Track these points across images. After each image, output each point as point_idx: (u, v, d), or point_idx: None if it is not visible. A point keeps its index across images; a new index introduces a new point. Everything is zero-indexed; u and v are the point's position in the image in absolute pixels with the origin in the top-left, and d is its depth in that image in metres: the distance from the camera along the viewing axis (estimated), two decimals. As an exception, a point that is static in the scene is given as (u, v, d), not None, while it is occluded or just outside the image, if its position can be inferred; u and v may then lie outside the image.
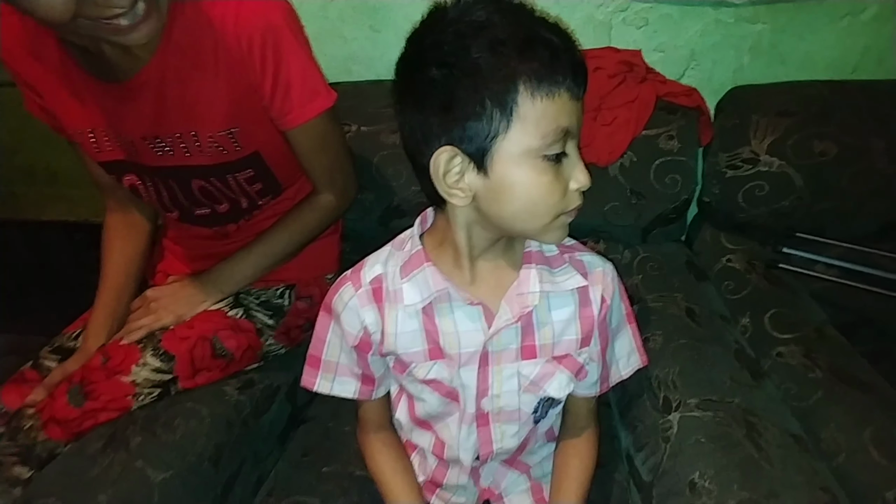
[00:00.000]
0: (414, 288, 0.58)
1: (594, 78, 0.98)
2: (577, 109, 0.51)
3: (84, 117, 0.74)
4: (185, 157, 0.75)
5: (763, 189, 0.99)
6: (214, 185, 0.79)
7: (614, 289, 0.62)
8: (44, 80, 0.73)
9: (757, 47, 1.09)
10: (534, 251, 0.60)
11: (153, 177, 0.79)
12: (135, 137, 0.74)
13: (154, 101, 0.71)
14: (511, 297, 0.58)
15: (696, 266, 1.01)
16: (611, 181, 1.00)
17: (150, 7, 0.61)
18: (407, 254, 0.59)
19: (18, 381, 0.80)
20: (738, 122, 1.02)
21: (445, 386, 0.62)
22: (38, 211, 1.63)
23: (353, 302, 0.60)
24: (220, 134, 0.74)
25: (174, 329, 0.79)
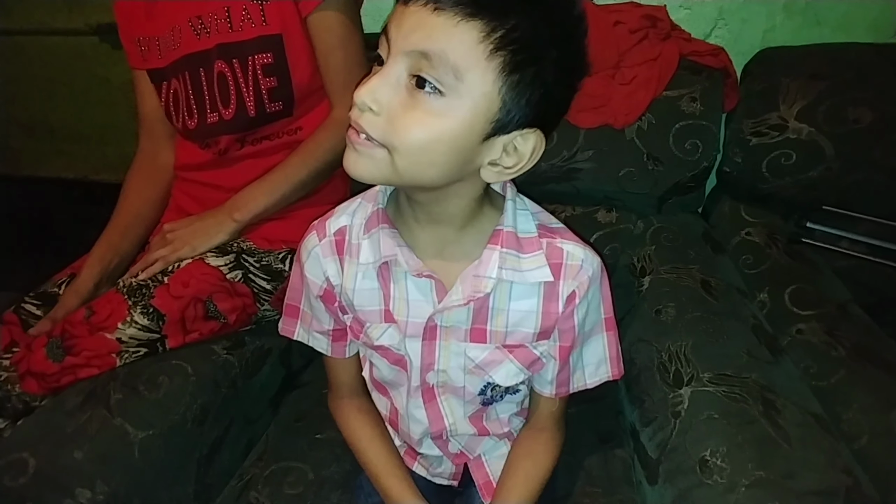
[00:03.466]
0: (370, 247, 0.54)
1: (613, 33, 0.93)
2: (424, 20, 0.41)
3: (157, 24, 0.84)
4: (217, 35, 0.81)
5: (790, 158, 0.93)
6: (235, 69, 0.82)
7: (591, 287, 0.55)
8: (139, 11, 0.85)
9: (791, 6, 1.01)
10: (505, 230, 0.53)
11: (186, 69, 0.84)
12: (183, 23, 0.82)
13: None
14: (467, 276, 0.53)
15: (712, 238, 0.95)
16: (627, 145, 0.94)
17: None
18: (373, 207, 0.55)
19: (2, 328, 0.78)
20: (766, 85, 0.95)
21: (394, 353, 0.59)
22: (36, 166, 1.60)
23: (315, 251, 0.58)
24: (253, 3, 0.79)
25: (169, 285, 0.76)
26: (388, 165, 0.44)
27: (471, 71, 0.41)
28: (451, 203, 0.52)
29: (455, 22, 0.40)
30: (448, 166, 0.45)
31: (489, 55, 0.41)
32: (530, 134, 0.46)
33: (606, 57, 0.90)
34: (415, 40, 0.41)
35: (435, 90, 0.42)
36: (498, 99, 0.43)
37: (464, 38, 0.41)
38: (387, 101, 0.43)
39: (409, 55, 0.42)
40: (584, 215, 0.99)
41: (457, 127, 0.43)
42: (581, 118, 0.91)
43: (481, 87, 0.42)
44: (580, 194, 0.97)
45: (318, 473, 0.75)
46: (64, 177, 1.61)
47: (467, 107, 0.42)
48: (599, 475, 0.74)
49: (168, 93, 0.88)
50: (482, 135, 0.44)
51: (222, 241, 0.82)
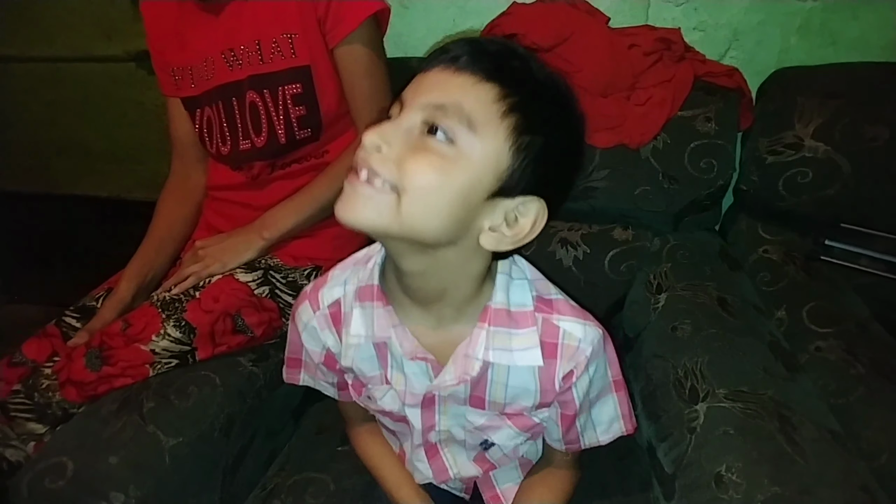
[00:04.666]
0: (362, 319, 0.54)
1: (629, 56, 0.95)
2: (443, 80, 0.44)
3: (187, 54, 0.89)
4: (249, 67, 0.85)
5: (806, 176, 0.94)
6: (266, 99, 0.86)
7: (590, 364, 0.54)
8: (166, 32, 0.90)
9: (806, 26, 1.02)
10: (494, 307, 0.52)
11: (220, 99, 0.89)
12: (216, 55, 0.86)
13: (236, 15, 0.85)
14: (458, 356, 0.53)
15: (729, 256, 0.96)
16: (642, 164, 0.95)
17: None
18: (367, 275, 0.55)
19: (40, 336, 0.82)
20: (781, 104, 0.96)
21: (397, 415, 0.60)
22: (70, 185, 1.67)
23: (311, 324, 0.58)
24: (283, 37, 0.83)
25: (200, 300, 0.79)
26: (391, 209, 0.43)
27: (484, 126, 0.43)
28: (444, 278, 0.50)
29: (473, 82, 0.43)
30: (451, 218, 0.44)
31: (502, 115, 0.43)
32: (533, 203, 0.46)
33: (621, 78, 0.93)
34: (432, 96, 0.43)
35: (446, 137, 0.43)
36: (507, 157, 0.44)
37: (480, 96, 0.43)
38: (397, 144, 0.43)
39: (424, 108, 0.43)
40: (600, 233, 1.00)
41: (465, 176, 0.43)
42: (597, 138, 0.93)
43: (493, 142, 0.43)
44: (596, 212, 0.98)
45: (339, 485, 0.76)
46: (98, 195, 1.67)
47: (477, 158, 0.43)
48: (617, 491, 0.75)
49: (202, 119, 0.92)
50: (488, 191, 0.44)
51: (251, 258, 0.85)
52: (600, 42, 0.92)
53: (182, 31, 0.89)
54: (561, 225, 1.01)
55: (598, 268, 0.98)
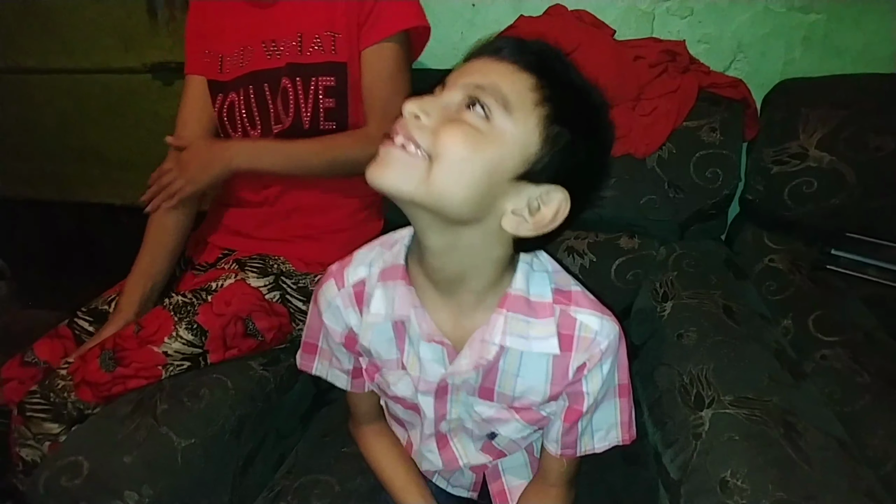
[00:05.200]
0: (383, 299, 0.55)
1: (634, 67, 0.97)
2: (486, 66, 0.48)
3: (229, 42, 0.91)
4: (288, 56, 0.88)
5: (811, 186, 0.94)
6: (297, 86, 0.88)
7: (604, 359, 0.54)
8: (208, 20, 0.94)
9: (810, 38, 1.04)
10: (512, 293, 0.53)
11: (253, 83, 0.90)
12: (256, 44, 0.89)
13: (286, 13, 0.88)
14: (475, 341, 0.54)
15: (735, 264, 0.96)
16: (648, 173, 0.96)
17: None
18: (392, 257, 0.56)
19: (52, 336, 0.85)
20: (786, 115, 0.97)
21: (408, 402, 0.61)
22: (87, 192, 1.71)
23: (335, 302, 0.59)
24: (326, 34, 0.86)
25: (212, 303, 0.81)
26: (421, 175, 0.45)
27: (519, 109, 0.45)
28: (465, 259, 0.51)
29: (513, 70, 0.46)
30: (476, 191, 0.46)
31: (536, 103, 0.46)
32: (556, 193, 0.47)
33: (627, 89, 0.94)
34: (473, 78, 0.47)
35: (483, 113, 0.45)
36: (536, 142, 0.46)
37: (517, 82, 0.46)
38: (435, 115, 0.46)
39: (465, 87, 0.47)
40: (606, 241, 1.01)
41: (496, 151, 0.45)
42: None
43: (524, 125, 0.46)
44: (603, 221, 0.99)
45: (344, 486, 0.77)
46: (112, 202, 1.70)
47: (508, 137, 0.45)
48: (623, 497, 0.75)
49: (223, 104, 0.93)
50: (514, 172, 0.46)
51: (215, 176, 0.86)
52: (606, 53, 0.94)
53: (224, 22, 0.92)
54: (568, 234, 1.02)
55: (605, 276, 0.99)
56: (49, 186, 1.72)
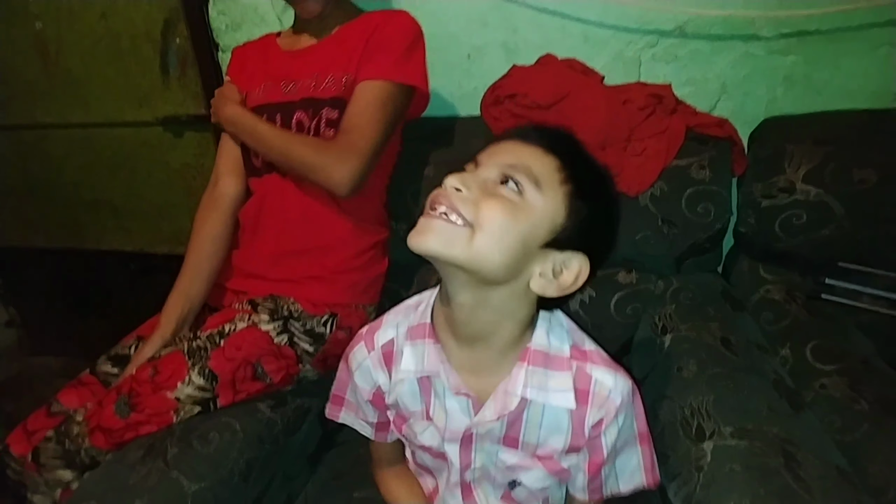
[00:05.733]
0: (412, 356, 0.61)
1: (623, 111, 1.01)
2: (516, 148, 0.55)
3: (259, 78, 1.00)
4: (303, 92, 0.95)
5: (801, 218, 0.97)
6: (308, 115, 0.94)
7: (618, 415, 0.59)
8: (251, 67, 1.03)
9: (790, 78, 1.09)
10: (532, 348, 0.58)
11: (266, 112, 0.96)
12: (276, 81, 0.97)
13: (306, 58, 0.97)
14: (499, 393, 0.59)
15: (732, 296, 0.99)
16: (641, 211, 1.00)
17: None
18: (418, 317, 0.62)
19: (76, 385, 0.87)
20: (772, 151, 1.01)
21: (435, 450, 0.65)
22: (98, 239, 1.75)
23: (365, 363, 0.65)
24: (340, 73, 0.93)
25: (223, 349, 0.84)
26: (464, 242, 0.50)
27: (547, 187, 0.52)
28: (491, 316, 0.56)
29: (540, 153, 0.54)
30: (511, 256, 0.52)
31: (561, 182, 0.53)
32: (577, 258, 0.54)
33: (618, 131, 0.99)
34: (507, 158, 0.53)
35: (517, 188, 0.52)
36: (562, 215, 0.53)
37: (545, 163, 0.52)
38: (475, 189, 0.52)
39: (499, 165, 0.53)
40: (604, 277, 1.04)
41: (528, 222, 0.52)
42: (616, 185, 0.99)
43: (553, 201, 0.53)
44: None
45: (355, 530, 0.78)
46: (123, 249, 1.75)
47: (539, 209, 0.52)
48: (630, 534, 0.75)
49: None
50: (543, 240, 0.53)
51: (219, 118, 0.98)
52: (596, 99, 0.99)
53: (258, 66, 1.01)
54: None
55: (605, 310, 1.01)
56: (62, 235, 1.78)
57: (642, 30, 1.09)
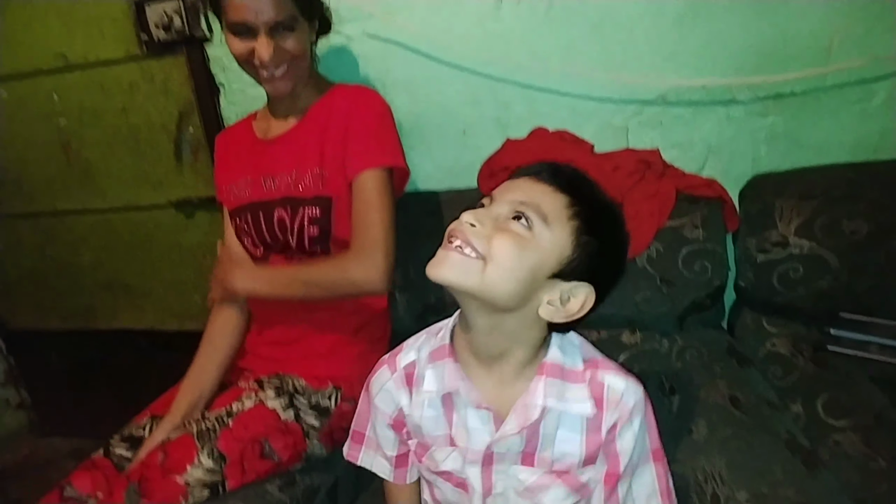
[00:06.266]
0: (434, 377, 0.63)
1: (614, 177, 1.06)
2: (527, 186, 0.58)
3: (240, 170, 1.03)
4: (283, 190, 0.97)
5: (798, 271, 0.99)
6: (287, 214, 0.96)
7: (633, 416, 0.60)
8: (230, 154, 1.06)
9: (772, 137, 1.13)
10: (548, 362, 0.61)
11: (251, 212, 0.99)
12: (257, 177, 0.99)
13: (282, 148, 0.98)
14: (518, 406, 0.61)
15: (738, 352, 0.99)
16: (640, 272, 1.02)
17: (292, 73, 0.92)
18: (439, 341, 0.65)
19: (89, 467, 0.86)
20: (762, 207, 1.04)
21: (456, 477, 0.65)
22: (111, 320, 1.78)
23: (388, 385, 0.67)
24: (316, 170, 0.95)
25: (231, 429, 0.84)
26: (477, 273, 0.54)
27: (555, 223, 0.56)
28: (506, 340, 0.59)
29: (550, 190, 0.57)
30: (521, 286, 0.55)
31: (569, 218, 0.56)
32: (583, 288, 0.57)
33: (609, 197, 1.03)
34: (518, 195, 0.57)
35: (527, 224, 0.55)
36: (570, 248, 0.56)
37: (554, 201, 0.56)
38: (488, 224, 0.56)
39: (511, 202, 0.57)
40: (610, 338, 1.05)
41: (537, 255, 0.55)
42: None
43: (560, 235, 0.56)
44: (603, 319, 1.03)
45: None
46: (135, 328, 1.78)
47: (547, 243, 0.55)
48: None
49: (235, 227, 1.05)
50: (551, 271, 0.56)
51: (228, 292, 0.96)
52: (586, 167, 1.02)
53: (236, 154, 1.05)
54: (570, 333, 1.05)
55: (611, 372, 1.01)
56: (76, 316, 1.81)
57: (626, 100, 1.16)
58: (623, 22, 1.10)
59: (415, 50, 1.20)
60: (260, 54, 0.88)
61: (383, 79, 1.24)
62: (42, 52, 1.49)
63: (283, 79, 0.92)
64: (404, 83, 1.23)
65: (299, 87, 0.96)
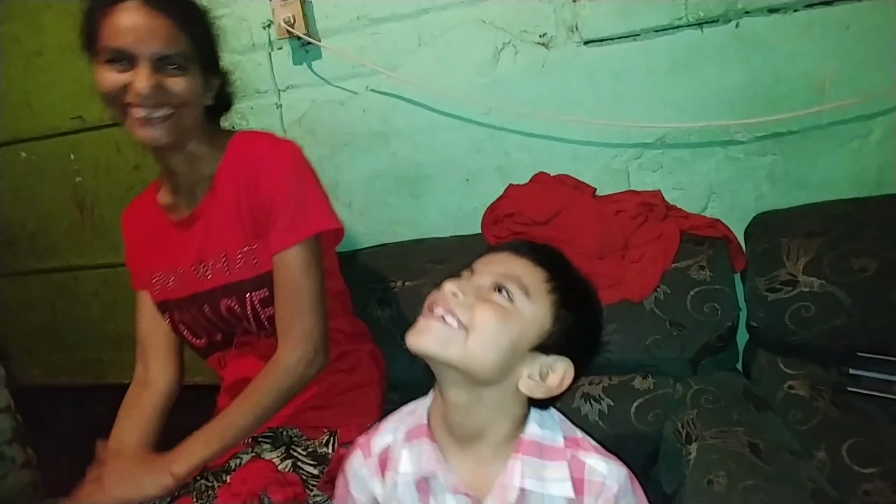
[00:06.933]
0: (410, 458, 0.61)
1: (616, 221, 1.07)
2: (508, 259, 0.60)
3: (161, 263, 0.94)
4: (219, 277, 0.89)
5: (810, 310, 0.97)
6: (234, 303, 0.89)
7: (618, 501, 0.58)
8: (143, 239, 0.97)
9: (773, 176, 1.14)
10: (527, 439, 0.60)
11: (194, 305, 0.92)
12: (187, 267, 0.91)
13: (203, 229, 0.89)
14: (497, 488, 0.59)
15: (754, 395, 0.96)
16: (648, 315, 1.01)
17: (174, 122, 0.80)
18: (416, 420, 0.64)
19: None
20: (768, 246, 1.04)
21: None
22: (119, 374, 1.78)
23: (362, 472, 0.65)
24: (246, 249, 0.87)
25: (230, 485, 0.82)
26: (459, 343, 0.54)
27: (536, 296, 0.57)
28: (485, 415, 0.58)
29: (530, 265, 0.59)
30: (502, 357, 0.55)
31: (548, 292, 0.58)
32: (562, 362, 0.58)
33: (612, 241, 1.03)
34: (500, 268, 0.58)
35: (508, 296, 0.56)
36: (549, 321, 0.58)
37: (534, 275, 0.58)
38: (470, 294, 0.57)
39: (493, 274, 0.58)
40: (620, 384, 1.02)
41: (518, 327, 0.56)
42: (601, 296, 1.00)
43: (541, 308, 0.57)
44: (613, 364, 1.02)
45: None
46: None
47: (528, 315, 0.57)
48: None
49: (171, 321, 0.96)
50: (531, 344, 0.57)
51: (154, 495, 0.78)
52: (588, 212, 1.05)
53: (154, 242, 0.94)
54: (581, 380, 1.03)
55: (626, 420, 0.99)
56: (85, 372, 1.81)
57: (625, 144, 1.18)
58: (616, 71, 1.13)
59: (417, 103, 1.24)
60: (136, 86, 0.75)
61: (386, 130, 1.28)
62: (61, 114, 1.55)
63: (162, 123, 0.78)
64: (408, 134, 1.27)
65: (192, 146, 0.85)
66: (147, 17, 0.76)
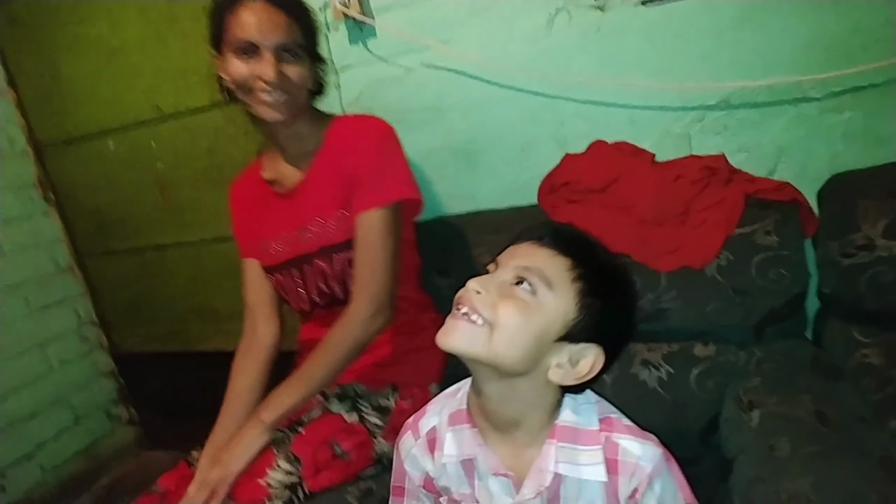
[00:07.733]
0: (454, 441, 0.65)
1: (675, 186, 1.04)
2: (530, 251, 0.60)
3: (268, 231, 1.04)
4: (317, 240, 0.98)
5: (888, 275, 0.92)
6: (326, 263, 0.98)
7: (655, 481, 0.59)
8: (248, 209, 1.08)
9: (850, 134, 1.07)
10: (560, 425, 0.61)
11: (295, 266, 1.02)
12: (291, 232, 1.01)
13: (305, 199, 0.99)
14: (533, 471, 0.61)
15: (824, 363, 0.93)
16: (709, 281, 0.99)
17: (289, 104, 0.91)
18: (457, 404, 0.67)
19: (174, 471, 0.97)
20: (843, 209, 0.98)
21: None
22: (202, 342, 1.94)
23: (413, 451, 0.70)
24: (341, 213, 0.96)
25: (303, 434, 0.91)
26: (484, 340, 0.56)
27: (559, 286, 0.57)
28: (518, 406, 0.60)
29: (553, 254, 0.59)
30: (528, 351, 0.57)
31: (573, 280, 0.58)
32: (591, 350, 0.58)
33: (671, 207, 1.01)
34: (521, 261, 0.59)
35: (530, 290, 0.57)
36: (574, 311, 0.58)
37: (558, 265, 0.58)
38: (493, 291, 0.58)
39: (515, 268, 0.59)
40: (680, 351, 1.02)
41: (542, 320, 0.57)
42: (660, 263, 1.00)
43: (564, 298, 0.57)
44: (672, 331, 1.01)
45: None
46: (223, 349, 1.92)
47: (551, 307, 0.57)
48: None
49: (275, 283, 1.07)
50: (557, 334, 0.57)
51: (259, 447, 0.88)
52: (646, 178, 1.03)
53: (259, 212, 1.06)
54: (639, 347, 1.04)
55: (685, 387, 0.99)
56: (173, 340, 1.99)
57: (686, 107, 1.13)
58: (676, 30, 1.09)
59: (470, 75, 1.25)
60: (265, 73, 0.87)
61: (441, 104, 1.30)
62: (141, 106, 1.68)
63: (282, 105, 0.90)
64: (462, 107, 1.28)
65: (299, 124, 0.96)
66: (268, 12, 0.88)
